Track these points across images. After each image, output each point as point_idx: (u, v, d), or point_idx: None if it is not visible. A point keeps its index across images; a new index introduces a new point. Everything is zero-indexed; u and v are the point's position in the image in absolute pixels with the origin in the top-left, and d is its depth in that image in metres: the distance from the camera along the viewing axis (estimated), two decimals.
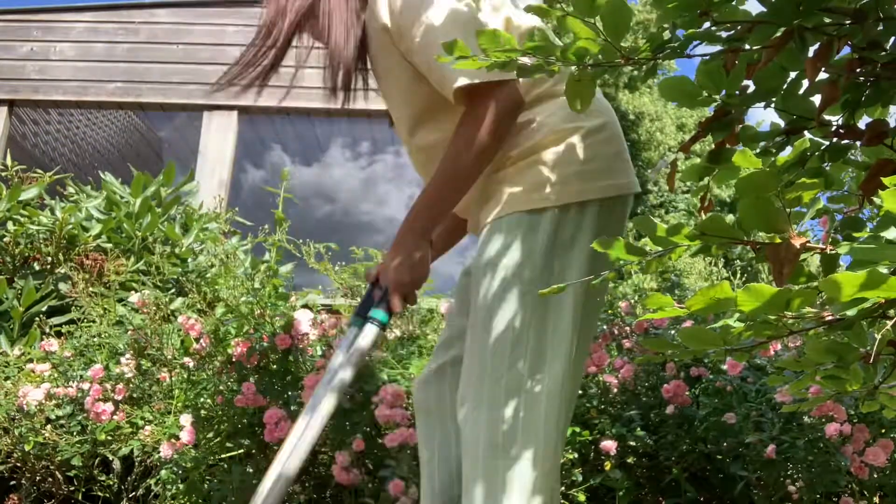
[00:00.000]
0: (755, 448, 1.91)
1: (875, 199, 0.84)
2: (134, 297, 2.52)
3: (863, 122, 0.86)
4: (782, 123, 0.87)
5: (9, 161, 3.77)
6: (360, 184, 6.86)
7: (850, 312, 0.61)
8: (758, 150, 0.86)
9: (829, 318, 0.66)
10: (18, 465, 2.55)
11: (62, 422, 2.50)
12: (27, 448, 2.43)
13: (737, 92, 0.83)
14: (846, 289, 0.55)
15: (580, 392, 2.20)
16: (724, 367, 2.07)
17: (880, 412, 1.20)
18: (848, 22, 0.75)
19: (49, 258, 3.44)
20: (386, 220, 7.02)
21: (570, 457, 2.03)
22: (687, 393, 2.07)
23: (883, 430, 1.94)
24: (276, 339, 2.16)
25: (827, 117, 0.85)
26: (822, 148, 0.85)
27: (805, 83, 0.84)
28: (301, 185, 6.72)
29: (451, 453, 1.26)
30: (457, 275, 1.41)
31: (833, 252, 0.70)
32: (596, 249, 0.76)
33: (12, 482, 2.65)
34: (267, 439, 2.05)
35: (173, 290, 3.24)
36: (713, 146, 0.87)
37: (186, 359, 2.40)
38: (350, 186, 6.90)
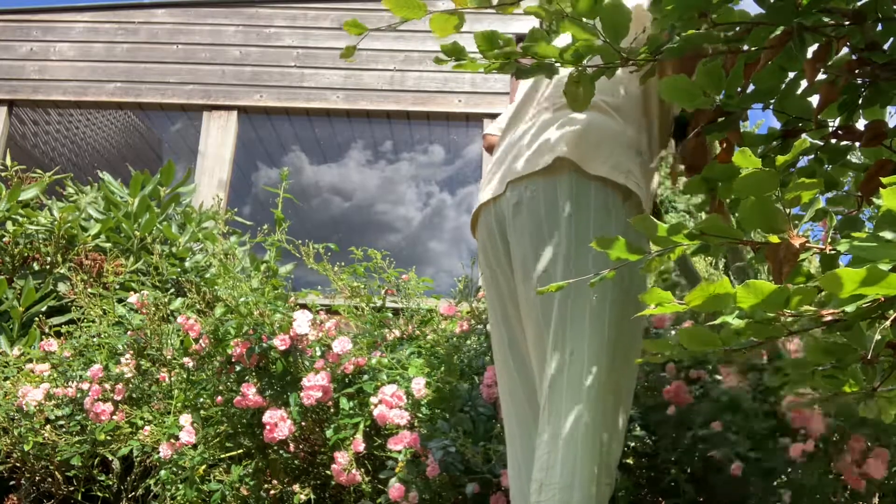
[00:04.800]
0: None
1: (875, 199, 0.84)
2: (133, 298, 2.52)
3: (861, 123, 0.86)
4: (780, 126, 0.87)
5: (8, 161, 3.77)
6: (380, 183, 6.86)
7: (849, 309, 0.61)
8: (759, 154, 0.86)
9: (829, 317, 0.66)
10: (18, 465, 2.55)
11: (61, 422, 2.50)
12: (27, 448, 2.42)
13: (738, 89, 0.83)
14: (847, 285, 0.55)
15: None
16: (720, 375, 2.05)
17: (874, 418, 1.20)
18: (847, 23, 0.75)
19: (48, 258, 3.43)
20: (403, 220, 7.03)
21: None
22: (688, 392, 2.07)
23: (878, 439, 1.89)
24: (276, 340, 2.16)
25: (824, 118, 0.85)
26: (819, 149, 0.86)
27: (804, 83, 0.84)
28: (318, 185, 6.74)
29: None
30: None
31: (832, 252, 0.70)
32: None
33: (12, 482, 2.64)
34: (266, 440, 2.06)
35: (172, 291, 3.24)
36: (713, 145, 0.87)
37: (186, 359, 2.40)
38: (368, 186, 6.91)
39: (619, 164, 1.19)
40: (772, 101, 0.88)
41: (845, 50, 0.79)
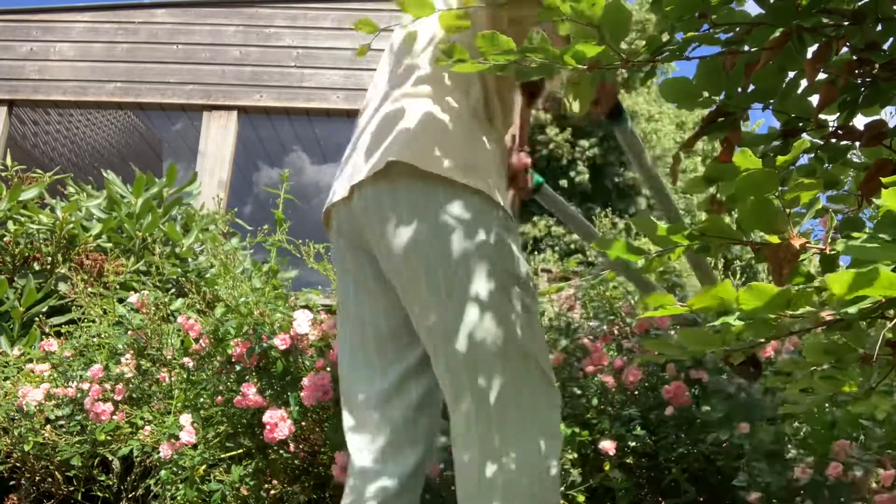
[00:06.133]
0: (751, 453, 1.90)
1: (875, 199, 0.85)
2: (133, 298, 2.53)
3: (862, 123, 0.86)
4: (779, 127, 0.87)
5: (9, 161, 3.77)
6: None
7: (851, 311, 0.61)
8: (758, 155, 0.86)
9: (829, 318, 0.66)
10: (18, 465, 2.55)
11: (61, 422, 2.50)
12: (27, 448, 2.42)
13: (738, 90, 0.83)
14: (848, 287, 0.55)
15: (579, 392, 2.20)
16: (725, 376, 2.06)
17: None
18: (846, 23, 0.75)
19: (49, 258, 3.43)
20: None
21: (570, 457, 2.03)
22: (687, 394, 2.07)
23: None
24: (276, 340, 2.16)
25: (824, 118, 0.85)
26: (819, 148, 0.86)
27: (803, 83, 0.84)
28: (318, 185, 6.75)
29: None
30: None
31: (833, 252, 0.70)
32: None
33: (12, 482, 2.65)
34: (266, 440, 2.06)
35: (173, 291, 3.24)
36: (715, 145, 0.87)
37: (186, 359, 2.40)
38: None
39: (459, 160, 1.12)
40: (772, 101, 0.88)
41: (845, 50, 0.79)
